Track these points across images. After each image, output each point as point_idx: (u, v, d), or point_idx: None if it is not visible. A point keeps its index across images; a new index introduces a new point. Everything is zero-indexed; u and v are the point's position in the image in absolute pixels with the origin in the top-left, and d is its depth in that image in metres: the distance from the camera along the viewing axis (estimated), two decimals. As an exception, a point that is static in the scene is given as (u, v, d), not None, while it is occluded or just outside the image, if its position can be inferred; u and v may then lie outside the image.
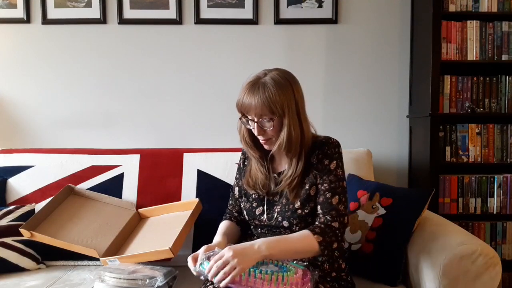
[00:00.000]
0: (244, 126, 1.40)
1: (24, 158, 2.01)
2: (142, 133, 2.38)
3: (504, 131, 2.16)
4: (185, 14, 2.33)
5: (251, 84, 1.31)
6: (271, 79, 1.30)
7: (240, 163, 1.58)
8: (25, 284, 1.58)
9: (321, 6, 2.32)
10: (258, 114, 1.30)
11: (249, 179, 1.45)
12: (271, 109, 1.28)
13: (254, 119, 1.32)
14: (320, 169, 1.35)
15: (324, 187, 1.34)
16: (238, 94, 1.34)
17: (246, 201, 1.47)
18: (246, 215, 1.46)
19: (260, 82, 1.30)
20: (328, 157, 1.35)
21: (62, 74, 2.35)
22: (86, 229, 1.74)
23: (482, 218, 2.16)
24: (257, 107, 1.28)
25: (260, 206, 1.43)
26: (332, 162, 1.35)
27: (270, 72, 1.34)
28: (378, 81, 2.37)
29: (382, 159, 2.37)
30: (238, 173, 1.57)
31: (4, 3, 2.31)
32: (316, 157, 1.37)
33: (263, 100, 1.27)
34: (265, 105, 1.28)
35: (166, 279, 1.46)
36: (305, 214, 1.34)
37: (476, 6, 2.12)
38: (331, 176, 1.34)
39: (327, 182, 1.33)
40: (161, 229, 1.75)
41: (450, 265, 1.36)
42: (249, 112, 1.31)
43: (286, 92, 1.30)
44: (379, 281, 1.57)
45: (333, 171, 1.34)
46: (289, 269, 1.19)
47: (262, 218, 1.41)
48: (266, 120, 1.31)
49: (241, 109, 1.34)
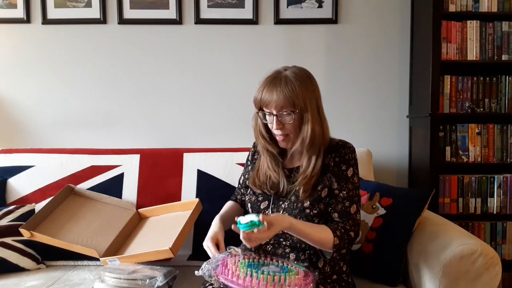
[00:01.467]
0: (260, 122, 1.38)
1: (24, 158, 2.01)
2: (142, 133, 2.38)
3: (504, 131, 2.16)
4: (185, 14, 2.33)
5: (272, 78, 1.31)
6: (292, 73, 1.31)
7: (249, 157, 1.57)
8: (25, 284, 1.58)
9: (321, 6, 2.32)
10: (279, 106, 1.28)
11: (255, 179, 1.43)
12: (293, 102, 1.27)
13: (273, 112, 1.30)
14: (338, 174, 1.35)
15: (342, 194, 1.33)
16: (256, 90, 1.33)
17: (252, 193, 1.45)
18: (250, 208, 1.44)
19: (282, 76, 1.30)
20: (345, 162, 1.35)
21: (62, 74, 2.35)
22: (86, 229, 1.74)
23: (482, 218, 2.16)
24: (279, 98, 1.27)
25: (266, 201, 1.41)
26: (349, 169, 1.35)
27: (289, 68, 1.34)
28: (378, 81, 2.37)
29: (382, 159, 2.37)
30: (246, 165, 1.58)
31: (4, 3, 2.31)
32: (332, 159, 1.36)
33: (284, 93, 1.27)
34: (286, 98, 1.27)
35: (166, 279, 1.46)
36: (313, 214, 1.33)
37: (476, 6, 2.12)
38: (349, 184, 1.34)
39: (345, 189, 1.34)
40: (161, 229, 1.75)
41: (450, 265, 1.36)
42: (269, 105, 1.30)
43: (308, 87, 1.31)
44: (379, 281, 1.57)
45: (350, 179, 1.35)
46: (291, 270, 1.19)
47: (267, 212, 1.39)
48: (286, 113, 1.29)
49: (259, 103, 1.32)
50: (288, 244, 1.36)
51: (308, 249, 1.35)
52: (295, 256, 1.34)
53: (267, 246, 1.39)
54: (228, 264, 1.20)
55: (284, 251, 1.36)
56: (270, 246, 1.38)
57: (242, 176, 1.60)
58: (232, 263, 1.20)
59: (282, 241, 1.37)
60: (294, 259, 1.34)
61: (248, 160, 1.58)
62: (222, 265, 1.20)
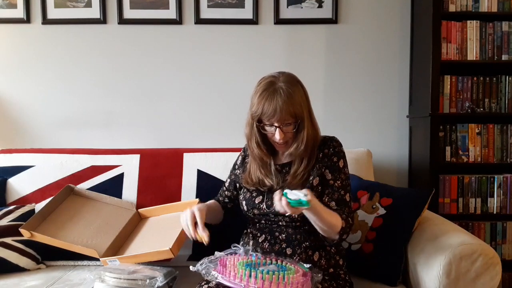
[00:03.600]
0: (256, 132, 1.40)
1: (24, 158, 2.01)
2: (142, 133, 2.37)
3: (504, 131, 2.16)
4: (185, 14, 2.33)
5: (271, 91, 1.32)
6: (287, 84, 1.33)
7: (238, 161, 1.60)
8: (25, 284, 1.58)
9: (321, 6, 2.32)
10: (282, 119, 1.32)
11: (248, 179, 1.47)
12: (294, 113, 1.32)
13: (275, 124, 1.33)
14: (330, 165, 1.41)
15: (337, 183, 1.40)
16: (253, 103, 1.35)
17: (246, 191, 1.49)
18: (246, 205, 1.47)
19: (278, 88, 1.32)
20: (336, 154, 1.42)
21: (62, 74, 2.35)
22: (86, 229, 1.74)
23: (482, 218, 2.16)
24: (282, 112, 1.30)
25: (260, 196, 1.45)
26: (340, 160, 1.43)
27: (281, 77, 1.35)
28: (378, 81, 2.37)
29: (382, 159, 2.37)
30: (233, 169, 1.61)
31: (4, 3, 2.31)
32: (321, 151, 1.42)
33: (286, 106, 1.30)
34: (289, 111, 1.31)
35: (166, 279, 1.46)
36: None
37: (476, 6, 2.12)
38: (342, 174, 1.42)
39: (339, 179, 1.41)
40: (161, 229, 1.75)
41: (450, 265, 1.36)
42: (272, 119, 1.33)
43: (302, 95, 1.36)
44: (379, 281, 1.57)
45: (342, 169, 1.42)
46: (289, 269, 1.21)
47: (262, 206, 1.43)
48: (288, 124, 1.34)
49: (261, 117, 1.34)
50: (283, 238, 1.39)
51: (303, 242, 1.38)
52: (292, 250, 1.37)
53: (264, 243, 1.41)
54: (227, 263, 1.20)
55: (281, 247, 1.39)
56: (267, 243, 1.41)
57: (228, 178, 1.62)
58: (231, 263, 1.20)
59: (277, 235, 1.40)
60: (291, 254, 1.36)
61: (236, 164, 1.61)
62: (221, 265, 1.20)
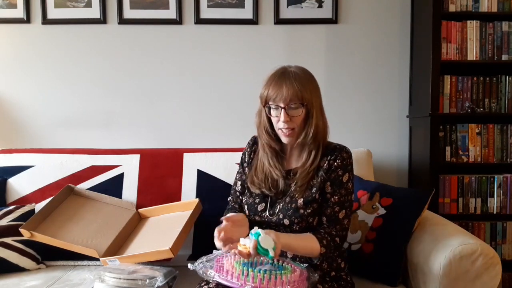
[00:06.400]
0: (265, 117, 1.38)
1: (24, 158, 2.01)
2: (142, 133, 2.37)
3: (504, 131, 2.16)
4: (185, 14, 2.33)
5: (280, 73, 1.34)
6: (299, 69, 1.35)
7: (244, 158, 1.53)
8: (25, 284, 1.58)
9: (321, 6, 2.32)
10: (287, 99, 1.30)
11: (254, 177, 1.43)
12: (301, 95, 1.30)
13: (281, 105, 1.31)
14: (332, 178, 1.36)
15: (334, 199, 1.35)
16: (263, 87, 1.35)
17: (249, 196, 1.45)
18: (247, 210, 1.44)
19: (289, 71, 1.33)
20: (342, 167, 1.36)
21: (62, 74, 2.35)
22: (86, 229, 1.74)
23: (482, 218, 2.16)
24: (288, 91, 1.29)
25: (263, 203, 1.41)
26: (345, 174, 1.36)
27: (293, 66, 1.37)
28: (378, 81, 2.37)
29: (382, 159, 2.37)
30: (241, 167, 1.54)
31: (4, 3, 2.31)
32: (327, 162, 1.36)
33: (294, 85, 1.30)
34: (295, 90, 1.29)
35: (166, 279, 1.46)
36: (307, 214, 1.34)
37: (476, 6, 2.12)
38: (342, 189, 1.36)
39: (337, 194, 1.35)
40: (161, 229, 1.75)
41: (450, 265, 1.36)
42: (277, 98, 1.31)
43: (314, 85, 1.36)
44: (379, 281, 1.57)
45: (344, 184, 1.36)
46: (285, 268, 1.21)
47: (264, 214, 1.40)
48: (294, 106, 1.31)
49: (267, 97, 1.33)
50: None
51: None
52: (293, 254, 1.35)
53: None
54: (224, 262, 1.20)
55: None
56: None
57: (238, 181, 1.53)
58: (228, 262, 1.20)
59: None
60: (292, 258, 1.35)
61: (243, 161, 1.53)
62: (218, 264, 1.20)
